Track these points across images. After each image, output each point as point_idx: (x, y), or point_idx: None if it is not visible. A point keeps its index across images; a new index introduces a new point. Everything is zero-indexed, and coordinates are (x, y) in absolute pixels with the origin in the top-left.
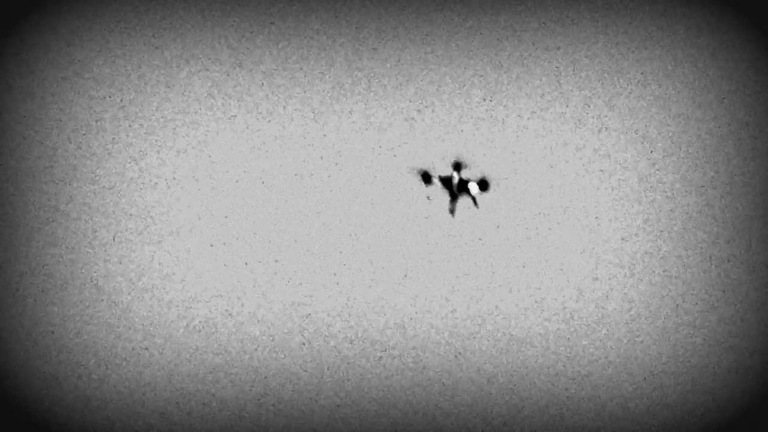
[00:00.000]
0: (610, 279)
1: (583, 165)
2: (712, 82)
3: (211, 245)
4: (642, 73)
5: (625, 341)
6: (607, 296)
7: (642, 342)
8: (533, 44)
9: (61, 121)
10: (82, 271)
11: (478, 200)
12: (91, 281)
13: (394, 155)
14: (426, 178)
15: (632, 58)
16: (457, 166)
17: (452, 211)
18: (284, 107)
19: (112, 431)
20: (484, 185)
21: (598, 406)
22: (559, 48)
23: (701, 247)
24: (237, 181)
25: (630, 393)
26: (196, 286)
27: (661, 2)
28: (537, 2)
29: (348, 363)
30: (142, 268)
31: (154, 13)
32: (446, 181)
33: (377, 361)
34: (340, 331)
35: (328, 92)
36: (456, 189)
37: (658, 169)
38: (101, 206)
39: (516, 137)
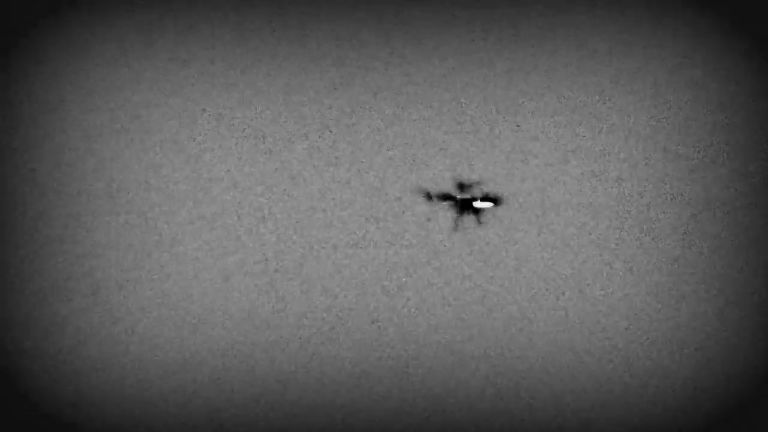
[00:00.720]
0: (610, 279)
1: (583, 165)
2: (712, 84)
3: (211, 246)
4: (642, 74)
5: (625, 341)
6: (607, 296)
7: (642, 342)
8: (533, 45)
9: (61, 122)
10: (82, 271)
11: (482, 216)
12: (91, 281)
13: (395, 155)
14: (428, 197)
15: (632, 59)
16: (460, 187)
17: (455, 228)
18: (285, 108)
19: (112, 431)
20: (488, 201)
21: (599, 406)
22: (559, 49)
23: (701, 247)
24: (237, 182)
25: (630, 393)
26: (196, 286)
27: (662, 4)
28: (538, 3)
29: (348, 363)
30: (142, 269)
31: (154, 14)
32: (448, 198)
33: (378, 362)
34: (340, 332)
35: (329, 93)
36: (458, 209)
37: (658, 170)
38: (101, 206)
39: (516, 137)
